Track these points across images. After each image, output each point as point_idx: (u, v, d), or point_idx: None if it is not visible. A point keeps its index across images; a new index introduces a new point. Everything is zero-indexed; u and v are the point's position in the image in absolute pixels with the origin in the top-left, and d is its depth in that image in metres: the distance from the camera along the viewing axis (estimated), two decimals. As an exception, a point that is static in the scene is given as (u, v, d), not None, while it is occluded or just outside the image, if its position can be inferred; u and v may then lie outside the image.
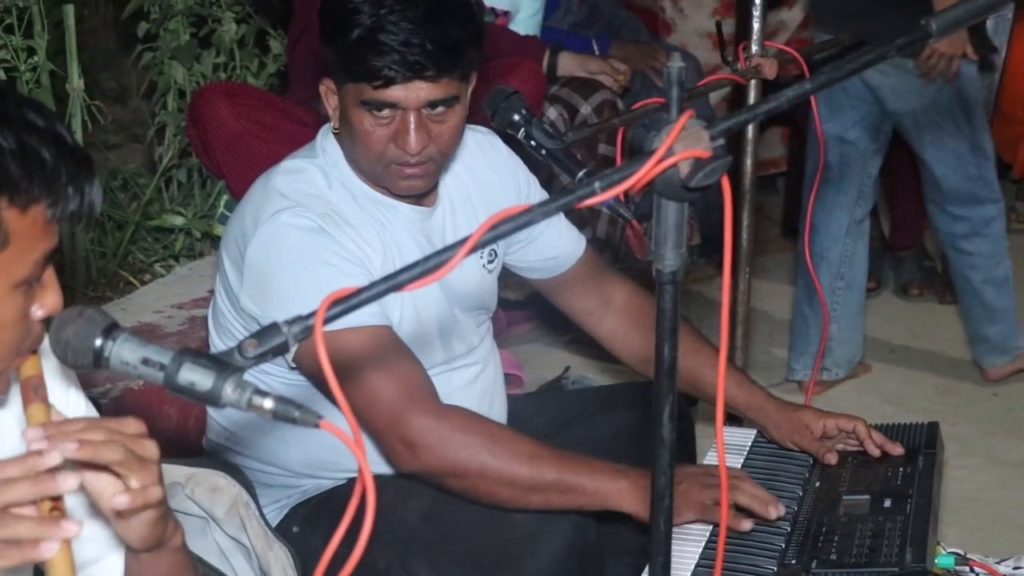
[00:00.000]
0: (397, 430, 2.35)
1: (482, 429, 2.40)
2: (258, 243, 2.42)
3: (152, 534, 1.61)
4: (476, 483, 2.37)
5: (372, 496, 1.32)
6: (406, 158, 2.40)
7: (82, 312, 1.45)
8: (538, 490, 2.36)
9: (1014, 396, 4.30)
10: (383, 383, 2.35)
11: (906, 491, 2.42)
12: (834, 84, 1.49)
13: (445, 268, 1.38)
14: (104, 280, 4.06)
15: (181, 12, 4.54)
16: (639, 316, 2.81)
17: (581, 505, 2.37)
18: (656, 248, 1.51)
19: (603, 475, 2.37)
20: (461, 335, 2.64)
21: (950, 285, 5.03)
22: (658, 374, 1.56)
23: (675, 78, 1.46)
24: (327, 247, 2.40)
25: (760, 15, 3.19)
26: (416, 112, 2.37)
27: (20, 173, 1.51)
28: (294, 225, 2.40)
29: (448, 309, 2.59)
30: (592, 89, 4.32)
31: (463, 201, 2.64)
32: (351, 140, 2.45)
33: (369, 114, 2.38)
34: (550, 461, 2.37)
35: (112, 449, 1.52)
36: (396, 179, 2.45)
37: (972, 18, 1.51)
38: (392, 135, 2.39)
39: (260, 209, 2.45)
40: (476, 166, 2.68)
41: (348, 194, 2.50)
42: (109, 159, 5.06)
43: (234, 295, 2.50)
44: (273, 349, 1.38)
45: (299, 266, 2.39)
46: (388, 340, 2.39)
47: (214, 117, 3.91)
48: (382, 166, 2.43)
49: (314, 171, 2.51)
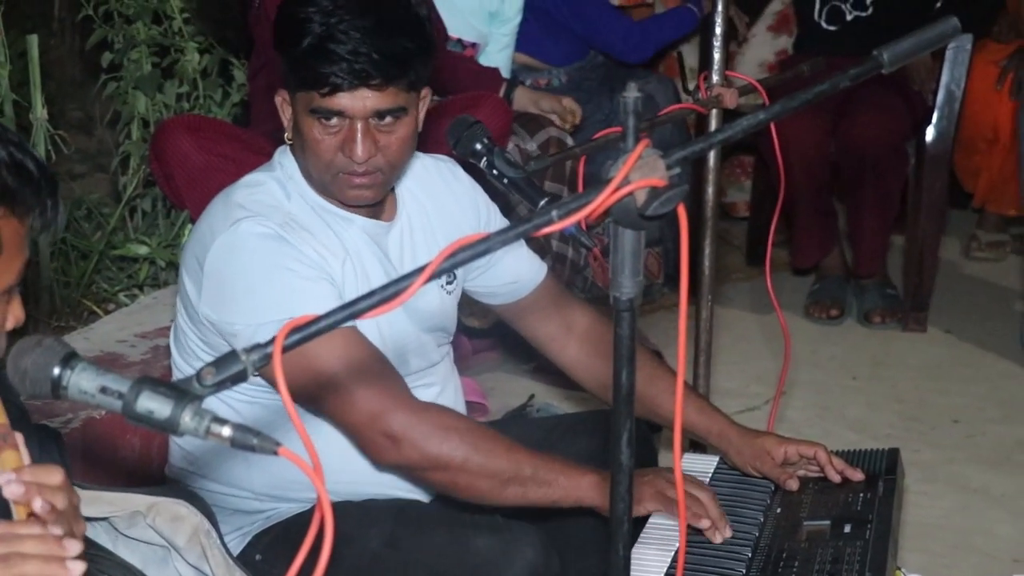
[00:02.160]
0: (379, 425, 2.39)
1: (461, 424, 2.46)
2: (217, 251, 2.45)
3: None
4: (457, 476, 2.41)
5: (330, 523, 1.32)
6: (353, 167, 2.44)
7: (40, 341, 1.45)
8: (516, 483, 2.40)
9: (976, 423, 4.32)
10: (360, 382, 2.39)
11: (866, 516, 2.44)
12: (789, 113, 1.51)
13: (403, 296, 1.39)
14: (68, 309, 4.05)
15: (144, 42, 4.55)
16: (601, 343, 2.82)
17: (555, 500, 2.42)
18: (613, 276, 1.52)
19: (575, 471, 2.43)
20: (422, 353, 2.67)
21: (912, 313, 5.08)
22: (616, 400, 1.57)
23: (631, 108, 1.48)
24: (286, 253, 2.43)
25: (721, 46, 3.23)
26: (363, 121, 2.41)
27: (16, 184, 1.55)
28: (253, 232, 2.44)
29: (410, 326, 2.62)
30: (539, 126, 4.35)
31: (422, 224, 2.67)
32: (302, 150, 2.49)
33: (318, 123, 2.42)
34: (527, 456, 2.42)
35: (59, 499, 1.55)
36: (345, 188, 2.48)
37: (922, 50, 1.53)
38: (340, 144, 2.43)
39: (218, 220, 2.49)
40: (437, 192, 2.71)
41: (306, 205, 2.54)
42: (74, 189, 5.04)
43: (193, 309, 2.51)
44: (232, 377, 1.39)
45: (258, 271, 2.42)
46: (360, 341, 2.42)
47: (176, 151, 3.91)
48: (331, 175, 2.47)
49: (272, 184, 2.55)
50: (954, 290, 5.47)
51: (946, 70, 4.97)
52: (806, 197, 4.95)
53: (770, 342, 4.77)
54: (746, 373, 4.58)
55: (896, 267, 5.34)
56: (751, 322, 5.08)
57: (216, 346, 2.49)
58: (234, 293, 2.43)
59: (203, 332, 2.52)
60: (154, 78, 4.54)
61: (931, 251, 5.12)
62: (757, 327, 5.01)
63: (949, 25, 1.53)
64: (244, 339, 2.35)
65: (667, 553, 2.37)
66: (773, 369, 4.35)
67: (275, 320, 2.32)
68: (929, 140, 5.01)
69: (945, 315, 5.18)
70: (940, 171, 5.07)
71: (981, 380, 4.67)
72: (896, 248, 5.44)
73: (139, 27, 4.56)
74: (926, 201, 5.06)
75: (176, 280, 4.04)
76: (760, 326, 5.01)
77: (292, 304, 2.36)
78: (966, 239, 5.96)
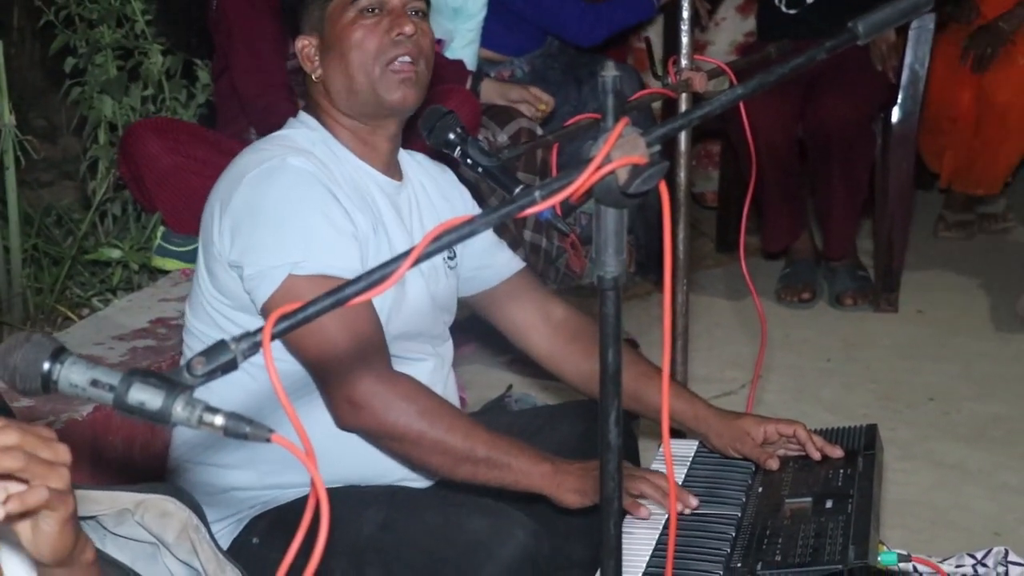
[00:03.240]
0: (345, 389, 2.43)
1: (424, 399, 2.48)
2: (248, 185, 2.49)
3: (62, 544, 1.56)
4: (409, 449, 2.47)
5: (326, 507, 1.33)
6: (400, 49, 2.55)
7: (29, 337, 1.45)
8: (468, 462, 2.45)
9: (950, 400, 4.36)
10: (340, 339, 2.42)
11: (847, 491, 2.46)
12: (765, 88, 1.52)
13: (390, 280, 1.39)
14: (42, 316, 4.04)
15: (108, 46, 4.54)
16: (579, 332, 2.83)
17: (506, 483, 2.46)
18: (597, 255, 1.53)
19: (530, 458, 2.46)
20: (433, 323, 2.72)
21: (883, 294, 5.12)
22: (603, 379, 1.58)
23: (610, 87, 1.49)
24: (321, 195, 2.47)
25: (688, 30, 3.24)
26: (401, 7, 2.56)
27: None
28: (293, 166, 2.49)
29: (426, 294, 2.66)
30: (509, 117, 4.35)
31: (427, 204, 2.74)
32: (344, 61, 2.57)
33: (360, 20, 2.56)
34: (484, 438, 2.46)
35: (11, 457, 1.48)
36: (392, 84, 2.56)
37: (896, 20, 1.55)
38: (386, 30, 2.55)
39: (249, 164, 2.52)
40: (438, 185, 2.81)
41: (332, 154, 2.59)
42: (42, 196, 5.03)
43: (212, 256, 2.53)
44: (222, 366, 1.39)
45: (290, 204, 2.45)
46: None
47: (145, 154, 3.92)
48: (380, 68, 2.55)
49: (298, 136, 2.62)
50: (924, 270, 5.52)
51: (909, 50, 5.01)
52: (774, 180, 4.98)
53: (743, 327, 4.80)
54: (721, 359, 4.61)
55: (864, 249, 5.37)
56: (723, 308, 5.11)
57: (235, 296, 2.51)
58: (262, 223, 2.46)
59: (221, 284, 2.53)
60: (120, 81, 4.53)
61: (900, 232, 5.16)
62: (730, 313, 5.04)
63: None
64: (257, 280, 2.41)
65: (654, 531, 2.39)
66: (748, 354, 4.39)
67: (293, 262, 2.39)
68: (895, 121, 5.06)
69: (916, 295, 5.23)
70: (907, 151, 5.11)
71: (954, 358, 4.72)
72: (865, 230, 5.48)
73: (103, 31, 4.54)
74: (893, 181, 5.10)
75: (150, 283, 4.05)
76: (732, 312, 5.05)
77: (314, 248, 2.41)
78: (934, 219, 6.00)
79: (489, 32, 4.80)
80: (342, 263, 2.41)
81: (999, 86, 5.59)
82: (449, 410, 2.50)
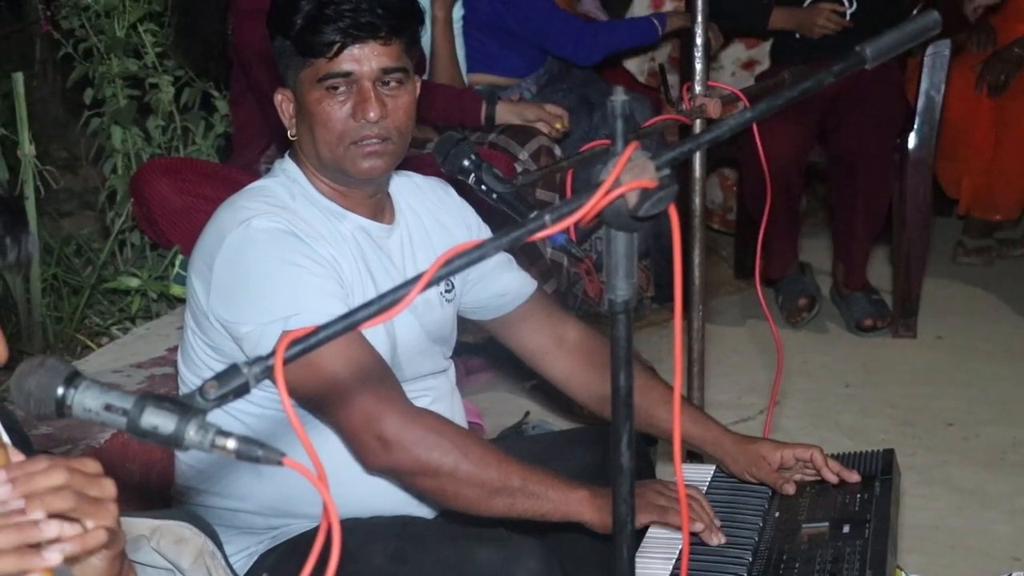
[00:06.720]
0: (372, 427, 2.39)
1: (453, 432, 2.45)
2: (227, 249, 2.46)
3: (110, 574, 1.59)
4: (445, 483, 2.41)
5: (337, 529, 1.33)
6: (365, 131, 2.48)
7: (43, 362, 1.45)
8: (504, 493, 2.40)
9: (969, 425, 4.35)
10: (358, 384, 2.39)
11: (864, 516, 2.45)
12: (774, 111, 1.53)
13: (401, 305, 1.39)
14: (61, 344, 4.06)
15: (117, 75, 4.58)
16: (594, 355, 2.82)
17: (543, 513, 2.41)
18: (608, 279, 1.53)
19: (565, 486, 2.42)
20: (428, 361, 2.68)
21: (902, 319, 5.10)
22: (615, 403, 1.58)
23: (619, 111, 1.49)
24: (296, 248, 2.45)
25: (703, 56, 3.25)
26: (371, 83, 2.47)
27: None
28: (263, 228, 2.46)
29: (419, 333, 2.63)
30: (528, 136, 4.36)
31: (420, 235, 2.70)
32: (311, 133, 2.52)
33: (327, 95, 2.48)
34: (517, 468, 2.41)
35: (62, 498, 1.49)
36: (358, 159, 2.51)
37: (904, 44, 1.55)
38: (351, 111, 2.48)
39: (227, 223, 2.50)
40: (431, 206, 2.75)
41: (311, 206, 2.56)
42: (63, 226, 5.06)
43: (202, 314, 2.51)
44: (235, 390, 1.40)
45: (269, 265, 2.43)
46: (361, 343, 2.42)
47: (156, 194, 3.96)
48: (343, 147, 2.50)
49: (276, 187, 2.58)
50: (942, 296, 5.50)
51: (925, 76, 5.01)
52: (781, 206, 4.96)
53: (761, 353, 4.79)
54: (739, 385, 4.60)
55: (882, 275, 5.36)
56: (741, 334, 5.10)
57: (226, 351, 2.50)
58: (245, 288, 2.44)
59: (213, 338, 2.52)
60: (130, 111, 4.56)
61: (918, 257, 5.15)
62: (748, 339, 5.03)
63: (930, 19, 1.54)
64: (254, 339, 2.39)
65: (668, 561, 2.38)
66: (765, 380, 4.38)
67: (284, 317, 2.36)
68: (911, 146, 5.06)
69: (934, 321, 5.21)
70: (923, 177, 5.11)
71: (973, 383, 4.70)
72: (882, 256, 5.47)
73: (111, 61, 4.58)
74: (911, 207, 5.09)
75: (168, 311, 4.07)
76: (750, 338, 5.03)
77: (302, 301, 2.39)
78: (952, 245, 6.00)
79: (493, 56, 4.82)
80: (333, 310, 2.38)
81: (1016, 111, 5.59)
82: (478, 441, 2.48)
